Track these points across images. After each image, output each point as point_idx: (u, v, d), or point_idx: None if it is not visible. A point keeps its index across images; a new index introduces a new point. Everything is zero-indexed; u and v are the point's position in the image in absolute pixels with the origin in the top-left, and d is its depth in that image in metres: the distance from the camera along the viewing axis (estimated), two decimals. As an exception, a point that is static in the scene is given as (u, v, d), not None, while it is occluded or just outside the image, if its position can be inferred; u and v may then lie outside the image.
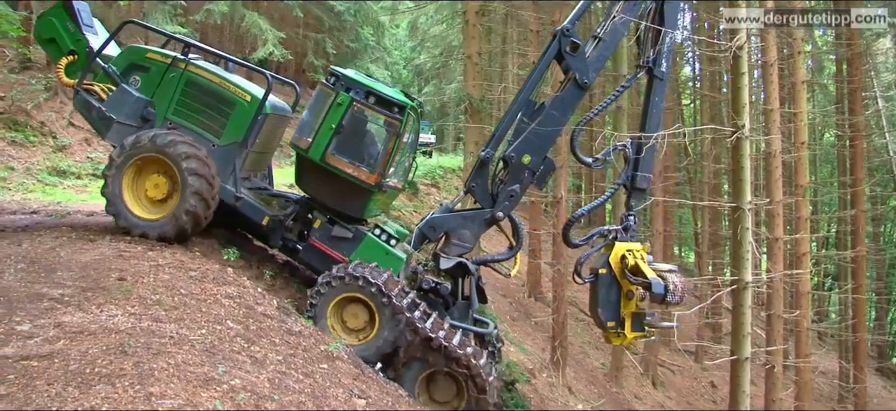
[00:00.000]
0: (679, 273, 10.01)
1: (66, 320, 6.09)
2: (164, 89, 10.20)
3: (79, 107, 10.55)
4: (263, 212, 10.34)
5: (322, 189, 10.36)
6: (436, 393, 9.44)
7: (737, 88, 12.33)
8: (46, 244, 8.75)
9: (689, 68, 39.73)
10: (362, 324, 9.37)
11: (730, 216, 17.13)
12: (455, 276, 10.76)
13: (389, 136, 10.05)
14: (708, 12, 27.07)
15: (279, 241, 10.49)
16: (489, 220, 10.45)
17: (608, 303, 9.96)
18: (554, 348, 19.81)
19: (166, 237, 9.45)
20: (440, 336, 9.30)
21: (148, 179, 9.66)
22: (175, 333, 6.36)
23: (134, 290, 7.27)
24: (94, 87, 10.28)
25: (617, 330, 10.03)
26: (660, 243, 24.18)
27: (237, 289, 8.41)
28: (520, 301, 25.38)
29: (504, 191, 10.26)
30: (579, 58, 10.10)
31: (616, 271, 9.91)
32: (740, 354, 11.88)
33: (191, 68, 10.31)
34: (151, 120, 10.08)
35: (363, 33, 36.80)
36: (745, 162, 11.98)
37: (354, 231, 10.28)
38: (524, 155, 10.09)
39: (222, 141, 10.16)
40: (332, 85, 10.09)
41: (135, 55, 10.55)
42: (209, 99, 10.25)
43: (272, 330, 7.67)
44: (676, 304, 9.78)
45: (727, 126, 14.54)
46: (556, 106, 10.19)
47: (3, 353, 5.19)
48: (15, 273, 7.38)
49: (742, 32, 12.00)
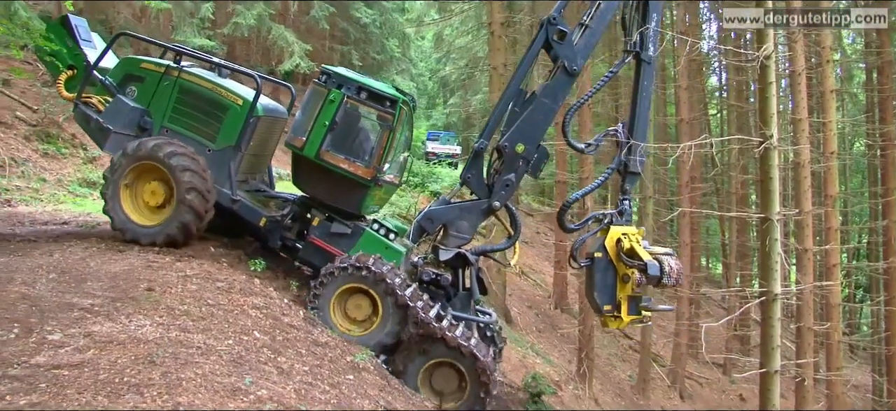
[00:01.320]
0: (675, 256, 9.99)
1: (95, 330, 6.16)
2: (159, 98, 10.40)
3: (78, 120, 10.79)
4: (260, 214, 10.42)
5: (319, 186, 10.43)
6: (438, 385, 9.41)
7: (764, 98, 12.21)
8: (77, 254, 8.86)
9: (716, 78, 39.52)
10: (366, 316, 9.38)
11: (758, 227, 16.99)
12: (455, 268, 10.78)
13: (383, 130, 10.15)
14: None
15: (278, 242, 10.54)
16: (486, 211, 10.46)
17: (604, 286, 9.96)
18: (580, 360, 19.73)
19: (165, 242, 9.61)
20: (443, 326, 9.31)
21: (145, 187, 9.85)
22: (202, 343, 6.40)
23: (162, 301, 7.33)
24: (93, 100, 10.49)
25: (613, 314, 10.01)
26: (687, 254, 23.95)
27: (264, 299, 8.46)
28: (546, 312, 25.31)
29: (499, 180, 10.26)
30: (567, 46, 10.12)
31: (612, 255, 9.92)
32: (770, 367, 11.72)
33: (184, 76, 10.50)
34: (149, 129, 10.27)
35: (389, 45, 36.97)
36: (774, 172, 11.85)
37: (353, 227, 10.32)
38: (518, 144, 10.11)
39: (216, 145, 10.29)
40: (324, 83, 10.21)
41: (130, 66, 10.75)
42: (202, 105, 10.43)
43: (299, 340, 7.70)
44: (672, 286, 9.79)
45: (755, 136, 14.41)
46: (547, 94, 10.23)
47: (35, 362, 5.26)
48: (46, 283, 7.48)
49: (769, 41, 11.89)
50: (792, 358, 18.72)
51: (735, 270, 31.25)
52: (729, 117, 33.44)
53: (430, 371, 9.38)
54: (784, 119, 24.85)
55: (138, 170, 9.77)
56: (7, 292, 6.92)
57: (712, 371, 27.31)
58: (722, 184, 32.11)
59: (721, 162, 30.25)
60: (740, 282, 30.48)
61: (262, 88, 10.53)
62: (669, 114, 32.09)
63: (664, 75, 30.44)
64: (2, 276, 7.47)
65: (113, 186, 9.67)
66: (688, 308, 24.06)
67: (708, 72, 36.09)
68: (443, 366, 9.34)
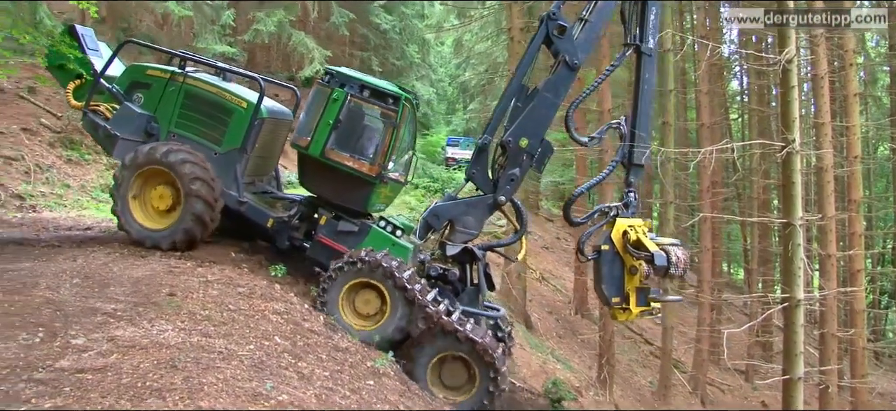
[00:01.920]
0: (682, 246, 9.97)
1: (118, 334, 6.21)
2: (165, 103, 10.55)
3: (87, 128, 11.01)
4: (267, 215, 10.53)
5: (325, 185, 10.52)
6: (447, 379, 9.38)
7: (786, 102, 12.14)
8: (100, 259, 8.95)
9: (737, 82, 39.24)
10: (375, 310, 9.39)
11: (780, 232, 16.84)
12: (462, 263, 10.82)
13: (386, 128, 10.20)
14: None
15: (286, 242, 10.62)
16: (492, 206, 10.47)
17: (612, 278, 9.92)
18: (601, 366, 19.65)
19: (174, 246, 9.74)
20: (453, 320, 9.32)
21: (153, 191, 10.00)
22: (224, 348, 6.44)
23: (184, 306, 7.39)
24: (100, 108, 10.66)
25: (622, 306, 9.96)
26: (708, 259, 23.79)
27: (285, 305, 8.49)
28: (566, 318, 25.22)
29: (504, 175, 10.30)
30: (567, 40, 10.16)
31: (618, 247, 9.89)
32: (793, 374, 11.63)
33: (188, 81, 10.65)
34: (156, 134, 10.41)
35: (408, 51, 37.04)
36: (796, 177, 11.77)
37: (360, 224, 10.37)
38: (521, 138, 10.14)
39: (222, 148, 10.44)
40: (327, 82, 10.30)
41: (136, 73, 10.94)
42: (208, 109, 10.58)
43: (319, 346, 7.73)
44: (680, 277, 9.80)
45: (777, 140, 14.32)
46: (549, 88, 10.25)
47: (59, 366, 5.31)
48: (70, 288, 7.55)
49: (791, 45, 11.83)
50: (815, 364, 18.54)
51: (757, 276, 31.01)
52: (750, 121, 33.13)
53: (440, 365, 9.36)
54: (806, 123, 24.68)
55: (143, 177, 9.94)
56: (32, 297, 7.00)
57: (734, 377, 27.05)
58: (743, 189, 31.85)
59: (742, 166, 30.02)
60: (762, 287, 30.29)
61: (265, 91, 10.66)
62: (690, 118, 31.92)
63: (685, 80, 30.31)
64: (27, 281, 7.56)
65: (122, 202, 9.86)
66: (709, 313, 23.88)
67: (729, 76, 35.87)
68: (452, 360, 9.33)
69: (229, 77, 11.51)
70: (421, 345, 9.24)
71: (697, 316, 24.17)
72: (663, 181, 21.17)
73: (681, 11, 29.31)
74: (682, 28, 30.31)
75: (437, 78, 46.47)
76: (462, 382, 9.34)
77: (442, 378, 9.36)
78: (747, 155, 27.55)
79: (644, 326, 28.11)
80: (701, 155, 15.02)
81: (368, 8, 33.64)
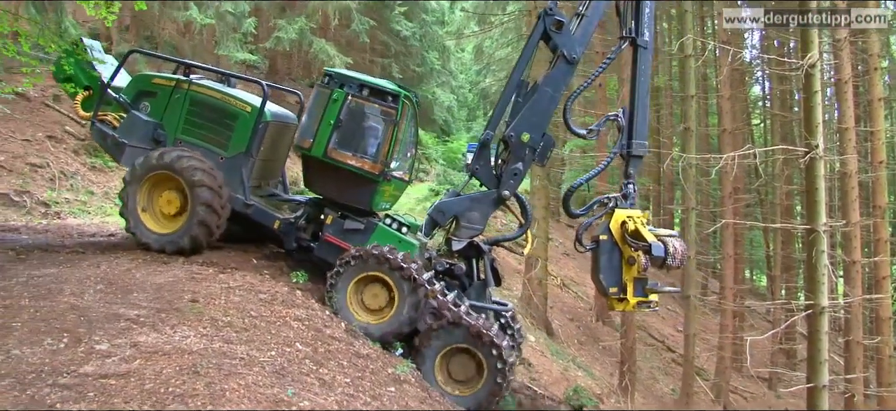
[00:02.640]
0: (680, 238, 9.97)
1: (141, 340, 6.26)
2: (171, 111, 10.71)
3: (96, 137, 11.18)
4: (274, 217, 10.67)
5: (329, 185, 10.63)
6: (455, 372, 9.37)
7: (809, 107, 12.05)
8: (123, 265, 9.02)
9: (759, 87, 38.95)
10: (383, 304, 9.49)
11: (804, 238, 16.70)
12: (469, 258, 10.88)
13: (387, 126, 10.31)
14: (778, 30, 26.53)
15: (293, 243, 10.72)
16: (496, 200, 10.54)
17: (610, 268, 9.94)
18: (622, 373, 19.55)
19: (182, 249, 9.89)
20: (460, 311, 9.35)
21: (161, 196, 10.16)
22: (245, 355, 6.47)
23: (206, 312, 7.43)
24: (108, 117, 10.89)
25: (619, 296, 9.96)
26: (730, 266, 23.60)
27: (306, 311, 8.52)
28: (587, 325, 25.13)
29: (507, 170, 10.36)
30: (565, 35, 10.25)
31: (617, 237, 9.91)
32: (817, 381, 11.51)
33: (193, 88, 10.82)
34: (163, 141, 10.57)
35: (429, 58, 37.15)
36: (820, 182, 11.67)
37: (366, 222, 10.49)
38: (523, 133, 10.24)
39: (228, 153, 10.59)
40: (327, 84, 10.46)
41: (142, 82, 11.13)
42: (213, 114, 10.73)
43: (340, 352, 7.74)
44: (677, 268, 9.79)
45: (800, 146, 14.23)
46: (549, 83, 10.36)
47: (83, 371, 5.36)
48: (94, 293, 7.63)
49: (814, 50, 11.75)
50: (840, 372, 18.33)
51: (780, 283, 30.68)
52: (773, 127, 32.86)
53: (447, 358, 9.36)
54: (830, 128, 24.43)
55: (150, 184, 10.10)
56: (57, 302, 7.07)
57: (758, 385, 26.80)
58: (766, 195, 31.59)
59: (765, 172, 29.73)
60: (786, 294, 29.95)
61: (269, 95, 10.79)
62: (712, 124, 31.72)
63: (706, 85, 30.12)
64: (52, 287, 7.64)
65: (134, 218, 10.04)
66: (732, 321, 23.68)
67: (751, 81, 35.59)
68: (459, 353, 9.32)
69: (233, 82, 11.74)
70: (428, 339, 9.27)
71: (720, 323, 23.98)
72: (685, 187, 21.03)
73: (701, 17, 29.18)
74: (703, 33, 30.16)
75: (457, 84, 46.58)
76: (471, 375, 9.34)
77: (451, 372, 9.38)
78: (770, 160, 27.26)
79: (666, 333, 27.96)
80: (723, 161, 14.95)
81: (389, 15, 33.77)
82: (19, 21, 12.54)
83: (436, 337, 9.24)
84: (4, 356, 5.45)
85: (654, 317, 28.93)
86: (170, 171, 9.91)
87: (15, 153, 16.56)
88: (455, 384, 9.31)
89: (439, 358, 9.26)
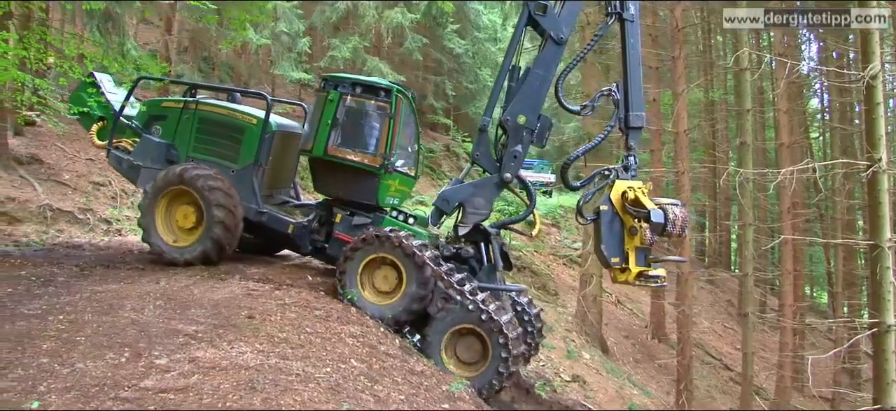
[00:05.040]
0: (681, 206, 9.82)
1: (199, 355, 6.36)
2: (181, 131, 11.21)
3: (112, 164, 11.74)
4: (287, 222, 10.93)
5: (334, 183, 10.95)
6: (462, 354, 9.42)
7: (871, 119, 11.76)
8: (181, 282, 9.21)
9: (817, 100, 38.11)
10: (393, 286, 9.68)
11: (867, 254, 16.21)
12: (476, 243, 10.98)
13: (383, 120, 10.58)
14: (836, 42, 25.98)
15: (309, 246, 11.02)
16: (499, 184, 10.63)
17: (611, 239, 9.86)
18: (679, 392, 19.23)
19: (199, 260, 10.25)
20: (465, 290, 9.50)
21: (178, 210, 10.55)
22: (301, 371, 6.51)
23: (262, 328, 7.52)
24: (123, 143, 11.42)
25: (621, 266, 9.85)
26: (790, 282, 23.06)
27: (360, 327, 8.57)
28: (643, 342, 24.79)
29: (507, 154, 10.48)
30: (550, 18, 10.40)
31: (617, 207, 9.85)
32: (885, 403, 11.16)
33: (201, 107, 11.32)
34: (176, 160, 11.04)
35: (482, 74, 37.18)
36: (883, 197, 11.36)
37: (374, 217, 10.80)
38: (519, 116, 10.36)
39: (239, 165, 10.95)
40: (323, 88, 10.83)
41: (152, 108, 11.70)
42: (221, 130, 11.15)
43: (395, 369, 7.75)
44: (678, 235, 9.69)
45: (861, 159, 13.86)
46: (540, 65, 10.49)
47: (143, 385, 5.47)
48: (154, 309, 7.79)
49: (876, 60, 11.47)
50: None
51: (842, 300, 29.88)
52: (833, 140, 32.09)
53: (454, 340, 9.44)
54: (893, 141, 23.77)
55: (166, 200, 10.48)
56: (119, 317, 7.24)
57: (820, 405, 26.08)
58: (826, 210, 30.81)
59: (825, 187, 29.06)
60: (848, 312, 29.14)
61: (271, 106, 11.15)
62: (769, 138, 31.15)
63: (762, 99, 29.63)
64: (114, 303, 7.83)
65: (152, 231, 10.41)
66: (792, 339, 23.10)
67: (809, 94, 34.85)
68: (465, 335, 9.39)
69: (238, 98, 12.16)
70: (434, 320, 9.40)
71: (779, 341, 23.41)
72: (741, 202, 20.67)
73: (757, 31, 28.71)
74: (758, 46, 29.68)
75: (509, 101, 46.42)
76: (476, 358, 9.39)
77: (457, 353, 9.45)
78: (830, 174, 26.65)
79: (723, 351, 27.42)
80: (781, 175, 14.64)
81: (442, 33, 33.93)
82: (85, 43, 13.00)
83: (440, 317, 9.40)
84: (70, 369, 5.59)
85: (711, 335, 28.42)
86: (185, 186, 10.30)
87: (79, 172, 17.07)
88: (464, 366, 9.39)
89: (446, 340, 9.38)
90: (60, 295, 8.13)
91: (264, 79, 30.42)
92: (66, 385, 5.28)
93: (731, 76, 30.41)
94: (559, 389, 15.89)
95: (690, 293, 20.86)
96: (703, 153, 34.55)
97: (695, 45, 35.70)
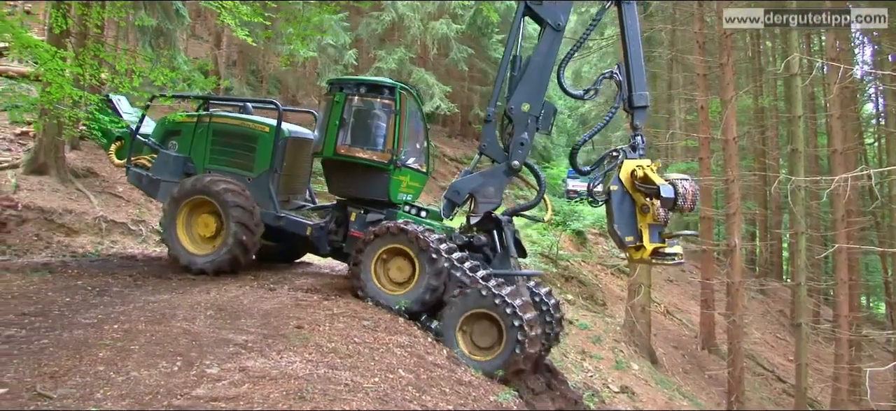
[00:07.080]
0: (691, 180, 9.70)
1: (249, 365, 6.44)
2: (197, 144, 11.55)
3: (132, 181, 12.10)
4: (305, 224, 11.21)
5: (347, 183, 11.14)
6: (477, 339, 9.41)
7: (929, 125, 11.45)
8: (231, 292, 9.36)
9: (872, 105, 37.24)
10: (407, 277, 9.79)
11: (926, 263, 15.80)
12: (489, 231, 11.06)
13: (388, 117, 10.80)
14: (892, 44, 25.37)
15: (327, 247, 11.23)
16: (508, 172, 10.76)
17: (623, 218, 9.87)
18: (730, 403, 18.90)
19: (221, 268, 10.45)
20: (478, 276, 9.60)
21: (198, 220, 10.79)
22: (350, 381, 6.55)
23: (311, 338, 7.59)
24: (142, 160, 11.77)
25: (636, 244, 9.82)
26: (845, 292, 22.49)
27: (408, 338, 8.59)
28: (693, 353, 24.42)
29: (514, 142, 10.62)
30: (546, 7, 10.60)
31: (628, 186, 9.85)
32: (944, 415, 10.83)
33: (214, 119, 11.65)
34: (193, 173, 11.34)
35: (527, 84, 37.07)
36: (942, 204, 11.04)
37: (386, 213, 10.91)
38: (523, 104, 10.52)
39: (255, 173, 11.27)
40: (329, 92, 11.25)
41: (167, 124, 12.01)
42: (235, 140, 11.50)
43: (443, 379, 7.75)
44: (689, 209, 9.54)
45: (919, 165, 13.51)
46: (539, 53, 10.65)
47: (195, 394, 5.56)
48: (205, 319, 7.91)
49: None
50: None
51: (901, 310, 29.09)
52: (888, 145, 31.29)
53: (469, 324, 9.44)
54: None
55: (186, 212, 10.75)
56: (171, 327, 7.37)
57: (881, 419, 25.39)
58: (883, 218, 30.04)
59: (881, 193, 28.35)
60: (908, 323, 28.35)
61: (283, 114, 11.41)
62: (821, 145, 30.50)
63: (814, 105, 29.03)
64: (166, 312, 7.97)
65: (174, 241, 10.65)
66: (848, 350, 22.50)
67: (862, 99, 34.05)
68: (480, 319, 9.38)
69: (249, 108, 12.41)
70: (448, 306, 9.44)
71: (835, 352, 22.84)
72: (794, 210, 20.29)
73: (808, 35, 28.19)
74: (809, 51, 29.12)
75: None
76: (492, 343, 9.36)
77: (473, 338, 9.44)
78: (886, 181, 26.00)
79: (776, 362, 26.86)
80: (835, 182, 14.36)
81: (487, 43, 33.96)
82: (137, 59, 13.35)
83: (455, 303, 9.43)
84: (124, 377, 5.71)
85: (763, 346, 27.86)
86: (205, 195, 10.55)
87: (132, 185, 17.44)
88: (480, 351, 9.37)
89: (460, 325, 9.39)
90: (115, 304, 8.31)
91: (311, 91, 30.78)
92: (122, 392, 5.39)
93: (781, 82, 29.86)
94: (607, 400, 15.76)
95: (741, 303, 20.49)
96: (752, 161, 34.01)
97: (743, 51, 35.19)
